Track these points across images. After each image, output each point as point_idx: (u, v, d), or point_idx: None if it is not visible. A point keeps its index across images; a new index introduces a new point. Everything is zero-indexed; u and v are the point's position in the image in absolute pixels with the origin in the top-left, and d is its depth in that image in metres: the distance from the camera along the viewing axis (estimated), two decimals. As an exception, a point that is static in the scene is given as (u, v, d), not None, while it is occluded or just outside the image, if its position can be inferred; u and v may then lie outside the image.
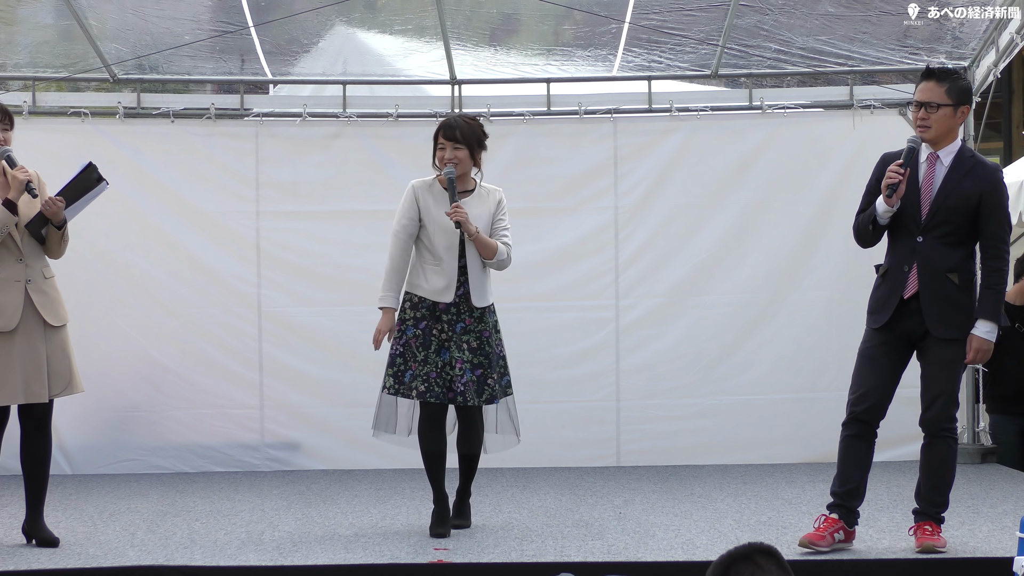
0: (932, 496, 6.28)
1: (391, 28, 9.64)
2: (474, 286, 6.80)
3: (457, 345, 6.77)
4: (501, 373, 6.89)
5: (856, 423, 6.33)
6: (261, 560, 6.22)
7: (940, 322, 6.18)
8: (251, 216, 9.28)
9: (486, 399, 6.81)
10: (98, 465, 9.12)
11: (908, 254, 6.23)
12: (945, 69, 6.33)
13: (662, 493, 8.13)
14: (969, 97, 6.34)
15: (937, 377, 6.23)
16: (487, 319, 6.84)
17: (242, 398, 9.23)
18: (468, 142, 6.80)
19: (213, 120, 9.32)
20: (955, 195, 6.17)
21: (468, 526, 6.98)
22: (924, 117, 6.23)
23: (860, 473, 6.33)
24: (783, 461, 9.15)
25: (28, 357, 6.49)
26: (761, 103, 9.37)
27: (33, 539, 6.61)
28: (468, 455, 6.93)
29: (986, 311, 6.17)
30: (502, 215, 6.89)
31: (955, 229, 6.17)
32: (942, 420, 6.23)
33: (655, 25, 9.04)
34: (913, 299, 6.21)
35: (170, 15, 9.08)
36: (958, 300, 6.18)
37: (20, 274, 6.53)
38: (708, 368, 9.29)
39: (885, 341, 6.27)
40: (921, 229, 6.20)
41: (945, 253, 6.18)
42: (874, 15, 8.99)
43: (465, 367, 6.75)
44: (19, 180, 6.50)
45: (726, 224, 9.31)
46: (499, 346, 6.92)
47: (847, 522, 6.30)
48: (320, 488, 8.46)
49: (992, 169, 6.29)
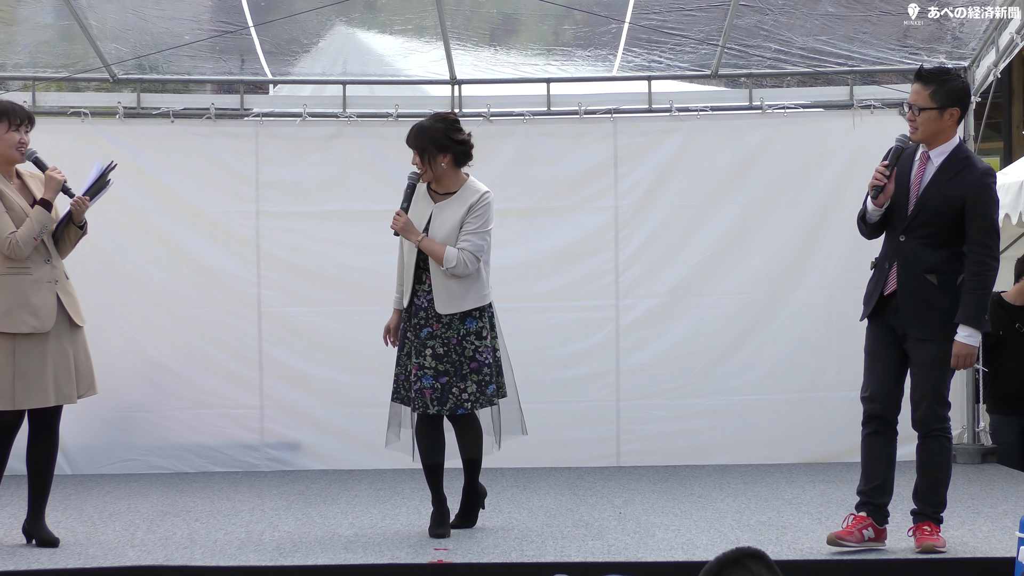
0: (928, 496, 6.27)
1: (391, 28, 9.64)
2: (437, 292, 6.68)
3: (418, 351, 6.69)
4: (483, 382, 6.71)
5: (872, 420, 6.32)
6: (261, 560, 6.22)
7: (915, 322, 6.16)
8: (251, 216, 9.28)
9: (450, 408, 6.66)
10: (98, 465, 9.12)
11: (891, 252, 6.24)
12: (934, 71, 6.24)
13: (662, 493, 8.13)
14: (960, 99, 6.20)
15: (919, 377, 6.22)
16: (457, 326, 6.68)
17: (242, 398, 9.23)
18: (420, 145, 6.71)
19: (213, 120, 9.32)
20: (938, 197, 6.13)
21: (471, 525, 6.93)
22: (912, 119, 6.22)
23: (883, 469, 6.29)
24: (783, 461, 9.15)
25: (59, 359, 6.50)
26: (761, 103, 9.36)
27: (33, 539, 6.60)
28: (467, 459, 6.85)
29: (965, 316, 6.10)
30: (473, 217, 6.70)
31: (937, 231, 6.14)
32: (931, 420, 6.21)
33: (655, 25, 9.04)
34: (893, 297, 6.22)
35: (170, 15, 9.08)
36: (935, 301, 6.14)
37: (50, 275, 6.54)
38: (708, 368, 9.29)
39: (880, 336, 6.28)
40: (904, 228, 6.19)
41: (926, 253, 6.15)
42: (874, 15, 8.99)
43: (425, 373, 6.66)
44: (56, 180, 6.55)
45: (726, 224, 9.31)
46: (482, 353, 6.72)
47: (876, 519, 6.25)
48: (320, 488, 8.46)
49: (981, 172, 6.18)
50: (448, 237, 6.68)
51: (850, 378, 7.31)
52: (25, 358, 6.41)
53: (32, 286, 6.46)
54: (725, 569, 3.33)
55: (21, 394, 6.41)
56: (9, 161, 6.56)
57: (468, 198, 6.75)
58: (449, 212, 6.74)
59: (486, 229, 6.74)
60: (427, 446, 6.79)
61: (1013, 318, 9.25)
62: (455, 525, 6.86)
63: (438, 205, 6.76)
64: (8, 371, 6.40)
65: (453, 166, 6.76)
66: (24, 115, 6.57)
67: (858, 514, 6.27)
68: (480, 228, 6.71)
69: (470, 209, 6.71)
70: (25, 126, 6.55)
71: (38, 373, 6.43)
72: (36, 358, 6.44)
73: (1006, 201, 9.83)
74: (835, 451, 9.07)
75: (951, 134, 6.22)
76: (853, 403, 6.45)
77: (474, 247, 6.67)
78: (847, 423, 6.49)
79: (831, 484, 8.28)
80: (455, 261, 6.62)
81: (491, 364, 6.74)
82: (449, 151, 6.73)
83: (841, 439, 8.78)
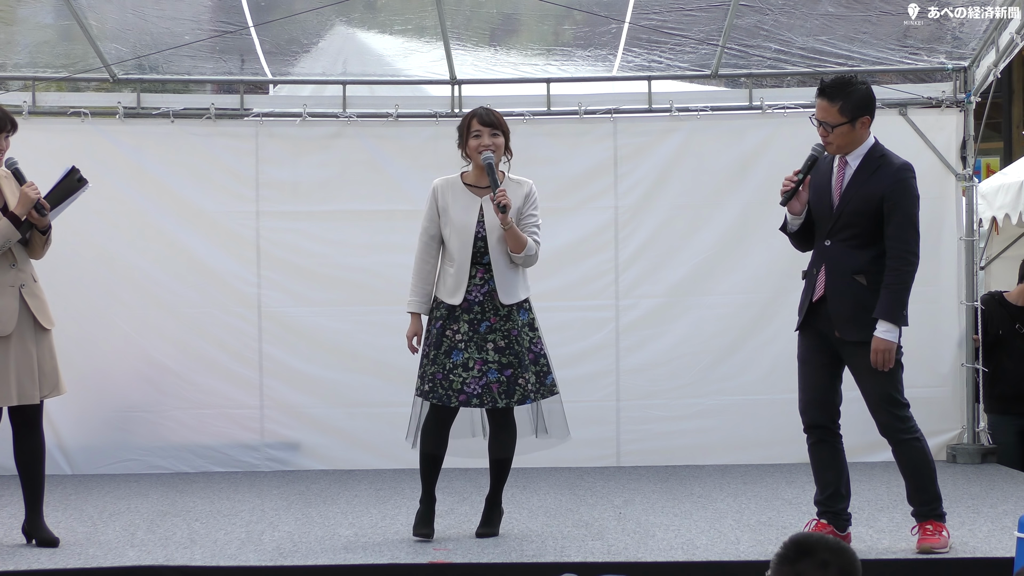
0: (920, 496, 6.27)
1: (391, 28, 9.64)
2: (500, 283, 6.64)
3: (479, 346, 6.62)
4: (541, 372, 6.73)
5: (813, 430, 6.37)
6: (261, 560, 6.22)
7: (848, 324, 6.16)
8: (251, 216, 9.28)
9: (517, 400, 6.65)
10: (98, 465, 9.12)
11: (818, 258, 6.28)
12: (835, 84, 6.16)
13: (662, 493, 8.13)
14: (867, 105, 6.15)
15: (867, 384, 6.21)
16: (516, 317, 6.68)
17: (242, 398, 9.23)
18: (504, 130, 6.73)
19: (213, 120, 9.32)
20: (858, 197, 6.14)
21: (495, 534, 6.80)
22: (824, 135, 6.22)
23: (834, 475, 6.32)
24: (783, 461, 9.14)
25: (22, 360, 6.52)
26: (761, 103, 9.36)
27: (33, 539, 6.61)
28: (499, 459, 6.79)
29: (883, 311, 6.08)
30: (532, 209, 6.73)
31: (860, 232, 6.14)
32: (894, 426, 6.19)
33: (655, 25, 9.04)
34: (823, 302, 6.21)
35: (170, 15, 9.08)
36: (865, 302, 6.13)
37: (14, 279, 6.56)
38: (708, 368, 9.29)
39: (811, 344, 6.30)
40: (827, 233, 6.21)
41: (851, 255, 6.16)
42: (874, 15, 8.99)
43: (489, 367, 6.62)
44: (30, 198, 6.53)
45: (726, 224, 9.31)
46: (537, 344, 6.74)
47: (837, 526, 6.30)
48: (320, 488, 8.46)
49: (896, 168, 6.16)
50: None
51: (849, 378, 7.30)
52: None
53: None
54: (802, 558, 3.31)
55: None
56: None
57: (519, 189, 6.74)
58: None
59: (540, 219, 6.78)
60: (436, 439, 6.68)
61: (1014, 318, 9.25)
62: (479, 534, 6.78)
63: (486, 198, 6.68)
64: None
65: None
66: (6, 120, 6.56)
67: (820, 521, 6.30)
68: (538, 219, 6.76)
69: (527, 198, 6.73)
70: (7, 131, 6.54)
71: (1, 373, 6.44)
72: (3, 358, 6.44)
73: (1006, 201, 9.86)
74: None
75: (865, 136, 6.21)
76: (853, 403, 6.44)
77: (539, 237, 6.73)
78: (847, 423, 6.47)
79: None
80: (534, 250, 6.67)
81: (546, 355, 6.76)
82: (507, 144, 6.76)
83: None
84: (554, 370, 6.83)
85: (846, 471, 6.36)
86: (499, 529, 6.86)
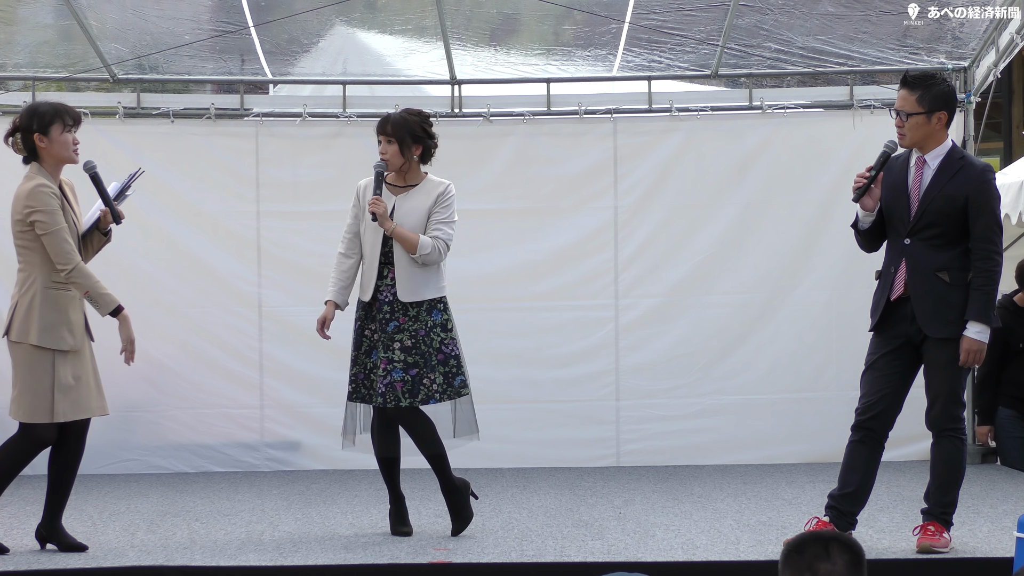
0: (938, 495, 6.27)
1: (391, 28, 9.64)
2: (401, 281, 6.68)
3: (386, 345, 6.68)
4: (450, 373, 6.73)
5: (860, 430, 6.35)
6: (261, 560, 6.22)
7: (932, 321, 6.18)
8: (251, 216, 9.28)
9: (421, 399, 6.66)
10: (98, 465, 9.10)
11: (896, 256, 6.27)
12: (920, 76, 6.26)
13: (662, 493, 8.13)
14: (947, 102, 6.23)
15: (935, 377, 6.24)
16: (425, 317, 6.70)
17: (242, 398, 9.23)
18: (399, 135, 6.72)
19: (213, 120, 9.32)
20: (941, 198, 6.17)
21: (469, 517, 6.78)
22: (899, 125, 6.26)
23: (859, 479, 6.31)
24: (783, 461, 9.15)
25: (93, 372, 6.48)
26: (761, 103, 9.37)
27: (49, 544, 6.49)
28: (428, 456, 6.76)
29: (975, 312, 6.14)
30: (441, 207, 6.73)
31: (943, 231, 6.18)
32: (944, 420, 6.24)
33: (655, 25, 9.04)
34: (903, 302, 6.23)
35: (170, 15, 9.08)
36: (949, 298, 6.17)
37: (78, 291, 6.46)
38: (708, 368, 9.29)
39: (885, 351, 6.28)
40: (908, 231, 6.22)
41: (933, 253, 6.18)
42: (874, 15, 9.00)
43: (395, 367, 6.64)
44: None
45: (726, 224, 9.31)
46: (448, 345, 6.73)
47: (838, 527, 6.27)
48: (320, 488, 8.46)
49: (980, 170, 6.24)
50: (415, 227, 6.71)
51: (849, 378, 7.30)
52: (64, 372, 6.33)
53: (71, 303, 6.42)
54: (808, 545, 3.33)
55: (60, 407, 6.31)
56: (64, 162, 6.51)
57: (433, 189, 6.79)
58: (415, 202, 6.76)
59: (454, 219, 6.81)
60: (384, 440, 6.77)
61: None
62: (453, 532, 6.79)
63: (400, 197, 6.78)
64: (47, 385, 6.30)
65: (418, 160, 6.81)
66: (75, 116, 6.54)
67: (822, 519, 6.29)
68: (449, 218, 6.78)
69: (438, 199, 6.76)
70: (76, 126, 6.53)
71: (78, 386, 6.37)
72: (76, 371, 6.37)
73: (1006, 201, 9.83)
74: (835, 451, 8.93)
75: (942, 137, 6.26)
76: (853, 403, 6.45)
77: (446, 236, 6.73)
78: (847, 423, 6.47)
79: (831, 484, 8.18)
80: (430, 248, 6.66)
81: (457, 356, 6.76)
82: (422, 144, 6.78)
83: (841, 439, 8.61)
84: (466, 371, 6.80)
85: (872, 480, 6.35)
86: (471, 511, 6.82)
